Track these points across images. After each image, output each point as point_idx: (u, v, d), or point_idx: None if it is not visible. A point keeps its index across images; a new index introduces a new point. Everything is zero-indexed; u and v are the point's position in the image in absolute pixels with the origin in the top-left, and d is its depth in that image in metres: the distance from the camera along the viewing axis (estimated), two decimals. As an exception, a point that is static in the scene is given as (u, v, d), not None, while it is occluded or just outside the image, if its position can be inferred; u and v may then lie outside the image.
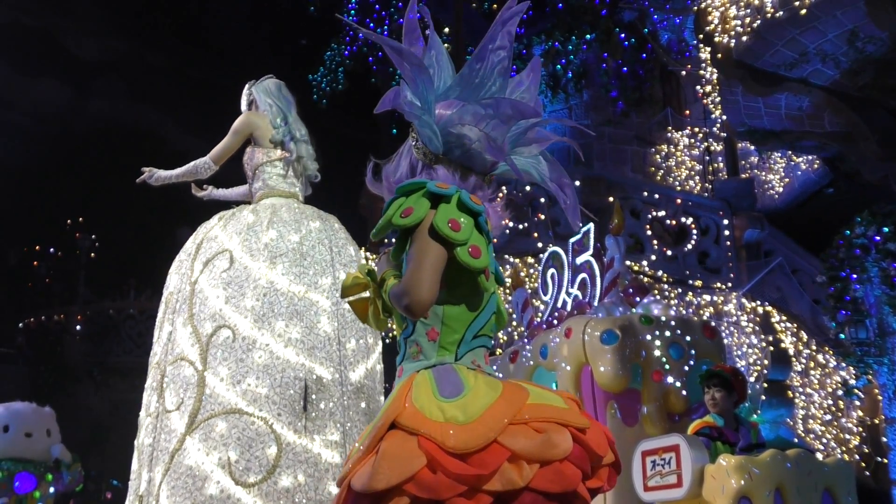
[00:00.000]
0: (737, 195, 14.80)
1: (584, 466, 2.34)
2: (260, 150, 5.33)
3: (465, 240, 2.44)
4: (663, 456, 5.87)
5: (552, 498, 2.26)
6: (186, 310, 4.79)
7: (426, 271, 2.42)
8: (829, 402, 12.60)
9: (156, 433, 4.63)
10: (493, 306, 2.61)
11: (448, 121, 2.58)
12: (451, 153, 2.62)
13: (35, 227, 26.74)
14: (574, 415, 2.39)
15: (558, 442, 2.27)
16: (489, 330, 2.61)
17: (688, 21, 16.46)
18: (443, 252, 2.44)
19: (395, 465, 2.24)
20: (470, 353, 2.54)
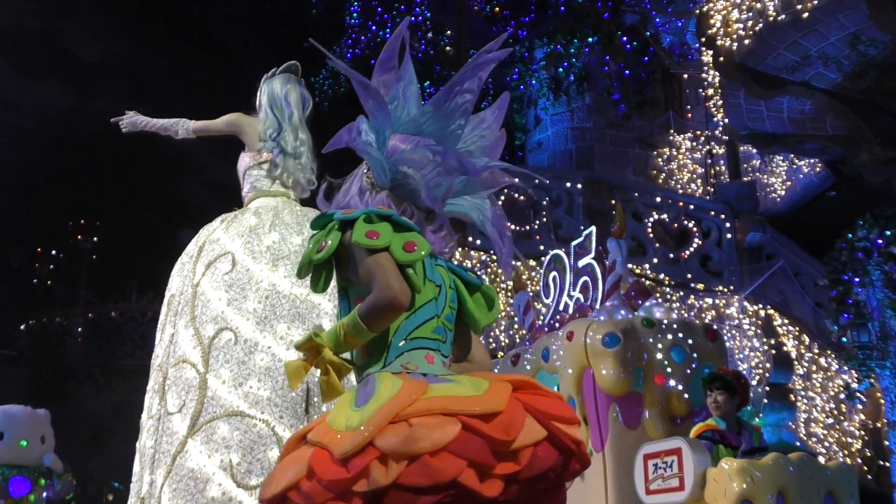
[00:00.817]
0: (739, 198, 14.80)
1: (475, 455, 2.25)
2: (248, 154, 5.34)
3: (388, 242, 2.57)
4: (665, 459, 5.87)
5: (423, 492, 2.22)
6: (188, 312, 4.78)
7: (384, 271, 2.54)
8: (832, 406, 12.59)
9: (157, 435, 4.62)
10: (431, 312, 2.64)
11: (399, 157, 2.71)
12: (398, 189, 2.76)
13: (37, 229, 26.76)
14: (480, 401, 2.33)
15: (423, 435, 2.23)
16: (429, 332, 2.63)
17: (690, 24, 16.47)
18: (385, 255, 2.56)
19: (282, 475, 2.39)
20: (401, 357, 2.58)
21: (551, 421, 2.37)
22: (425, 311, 2.63)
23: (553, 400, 2.46)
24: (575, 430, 2.42)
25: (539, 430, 2.33)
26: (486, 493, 2.25)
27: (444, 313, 2.70)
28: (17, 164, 26.48)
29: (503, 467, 2.27)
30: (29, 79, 28.83)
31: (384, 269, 2.54)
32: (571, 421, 2.42)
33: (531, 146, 17.69)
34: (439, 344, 2.65)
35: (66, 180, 27.32)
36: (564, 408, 2.45)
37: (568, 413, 2.43)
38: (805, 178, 16.68)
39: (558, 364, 7.19)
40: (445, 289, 2.72)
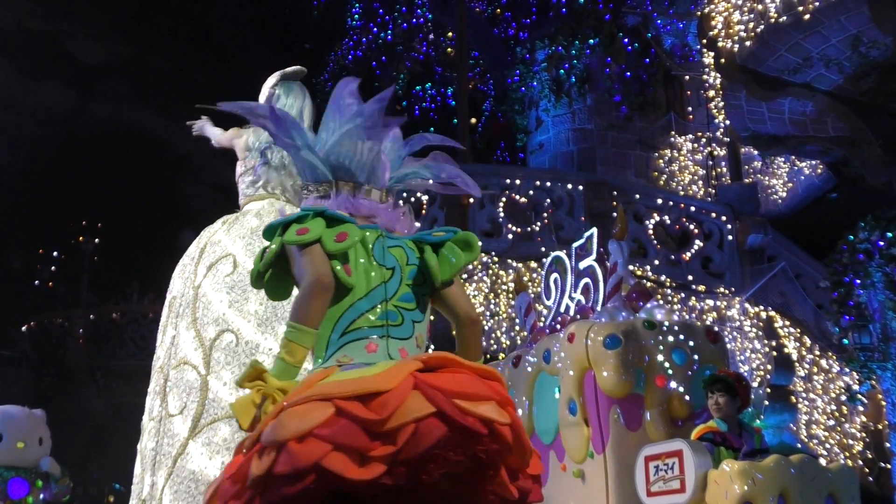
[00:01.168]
0: (740, 200, 14.78)
1: (342, 438, 2.20)
2: (239, 163, 5.43)
3: (318, 235, 2.65)
4: (666, 461, 5.86)
5: (289, 479, 2.19)
6: (190, 314, 4.79)
7: (309, 262, 2.64)
8: (833, 408, 12.58)
9: (159, 437, 4.63)
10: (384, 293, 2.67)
11: (333, 147, 2.82)
12: (344, 174, 2.84)
13: (39, 230, 26.79)
14: (363, 383, 2.29)
15: (286, 422, 2.23)
16: (374, 320, 2.64)
17: (691, 26, 16.48)
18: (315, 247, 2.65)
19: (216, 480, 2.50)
20: (339, 352, 2.61)
21: (452, 398, 2.26)
22: (369, 300, 2.65)
23: (464, 377, 2.35)
24: (484, 408, 2.29)
25: (424, 406, 2.24)
26: (360, 476, 2.18)
27: (399, 294, 2.70)
28: (19, 165, 26.52)
29: (382, 449, 2.20)
30: (31, 80, 28.86)
31: (310, 260, 2.62)
32: (479, 397, 2.30)
33: (532, 147, 17.69)
34: (388, 329, 2.64)
35: (68, 181, 27.37)
36: (475, 384, 2.34)
37: (477, 389, 2.32)
38: (806, 180, 16.67)
39: (559, 366, 7.19)
40: (401, 268, 2.73)
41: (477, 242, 2.87)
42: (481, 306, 12.86)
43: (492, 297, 12.93)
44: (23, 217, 26.71)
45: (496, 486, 2.36)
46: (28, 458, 7.60)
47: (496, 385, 2.40)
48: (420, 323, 2.73)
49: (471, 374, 2.38)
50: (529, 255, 13.14)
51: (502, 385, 2.44)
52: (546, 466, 7.33)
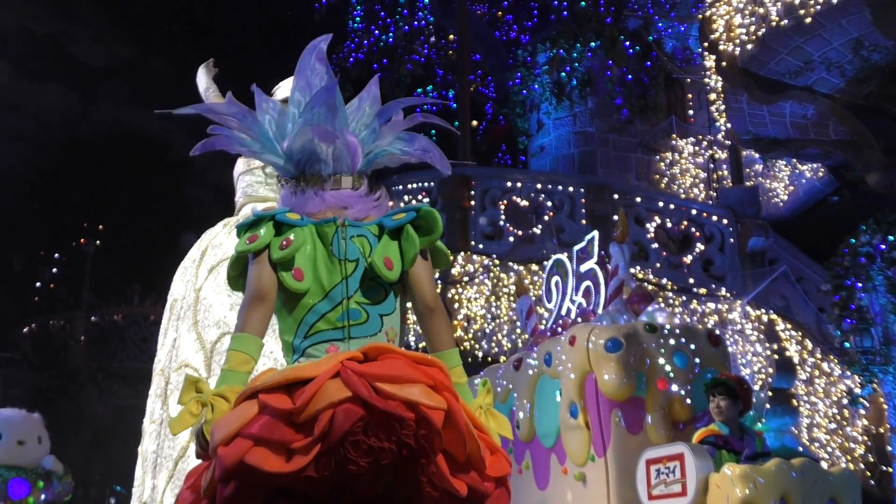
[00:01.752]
0: (741, 203, 14.79)
1: (261, 432, 2.15)
2: (241, 160, 5.36)
3: (265, 243, 2.58)
4: (668, 464, 5.86)
5: (223, 482, 2.16)
6: (191, 316, 4.79)
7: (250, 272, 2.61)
8: (834, 411, 12.57)
9: (160, 440, 4.62)
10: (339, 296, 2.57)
11: (291, 143, 2.73)
12: (309, 168, 2.74)
13: (40, 233, 26.80)
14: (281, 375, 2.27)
15: (218, 427, 2.22)
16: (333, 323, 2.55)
17: (692, 29, 16.48)
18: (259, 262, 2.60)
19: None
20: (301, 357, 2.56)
21: (374, 382, 2.17)
22: (329, 301, 2.57)
23: (394, 362, 2.27)
24: (409, 390, 2.18)
25: (340, 390, 2.15)
26: (282, 470, 2.11)
27: (363, 289, 2.59)
28: (21, 167, 26.54)
29: (303, 440, 2.13)
30: (33, 82, 28.90)
31: (254, 270, 2.60)
32: (406, 380, 2.20)
33: (534, 150, 17.70)
34: (349, 329, 2.55)
35: (70, 184, 27.39)
36: (404, 368, 2.24)
37: (405, 373, 2.22)
38: (808, 183, 16.67)
39: (560, 369, 7.19)
40: (364, 259, 2.61)
41: (439, 221, 2.68)
42: (482, 309, 12.86)
43: (493, 300, 12.93)
44: (24, 219, 26.73)
45: (433, 478, 2.20)
46: (28, 458, 7.58)
47: (432, 370, 2.29)
48: (390, 315, 2.63)
49: (404, 359, 2.29)
50: (531, 258, 13.14)
51: (441, 371, 2.32)
52: (547, 469, 7.33)
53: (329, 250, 2.61)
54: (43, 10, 28.49)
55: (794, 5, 11.63)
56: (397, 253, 2.64)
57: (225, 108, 2.81)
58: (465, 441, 2.24)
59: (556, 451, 7.26)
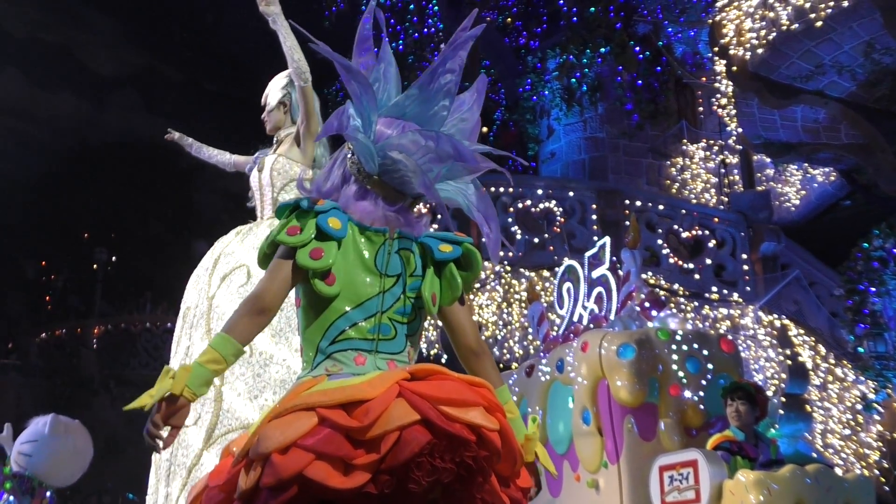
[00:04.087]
0: (753, 208, 14.73)
1: (325, 447, 2.17)
2: (299, 167, 5.19)
3: (302, 242, 2.52)
4: (681, 471, 5.84)
5: (275, 491, 2.16)
6: (204, 325, 4.79)
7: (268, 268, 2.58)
8: (848, 417, 12.49)
9: (173, 448, 4.62)
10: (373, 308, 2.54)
11: (387, 143, 2.60)
12: (386, 175, 2.64)
13: (52, 241, 26.92)
14: (342, 392, 2.27)
15: (271, 434, 2.21)
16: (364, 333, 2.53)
17: (702, 34, 16.45)
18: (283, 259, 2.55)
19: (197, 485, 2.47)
20: (327, 361, 2.52)
21: (437, 405, 2.22)
22: (363, 311, 2.54)
23: (450, 384, 2.31)
24: (472, 413, 2.24)
25: (408, 413, 2.20)
26: (343, 485, 2.15)
27: (396, 307, 2.57)
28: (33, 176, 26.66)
29: (365, 457, 2.17)
30: (44, 91, 29.03)
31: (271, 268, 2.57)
32: (466, 403, 2.26)
33: (544, 156, 17.69)
34: (382, 343, 2.54)
35: (81, 192, 27.50)
36: (462, 391, 2.29)
37: (464, 395, 2.27)
38: (819, 188, 16.60)
39: (573, 375, 7.18)
40: (405, 278, 2.59)
41: (479, 261, 2.69)
42: (494, 315, 12.84)
43: (504, 307, 12.91)
44: (37, 227, 26.85)
45: (486, 494, 2.29)
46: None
47: (484, 391, 2.35)
48: (413, 336, 2.64)
49: (458, 381, 2.34)
50: (542, 265, 13.12)
51: (491, 392, 2.39)
52: (560, 476, 7.32)
53: (372, 260, 2.57)
54: (53, 18, 28.66)
55: (804, 9, 11.61)
56: (439, 289, 2.64)
57: (354, 70, 2.67)
58: (515, 459, 2.37)
59: (569, 457, 7.24)
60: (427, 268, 2.63)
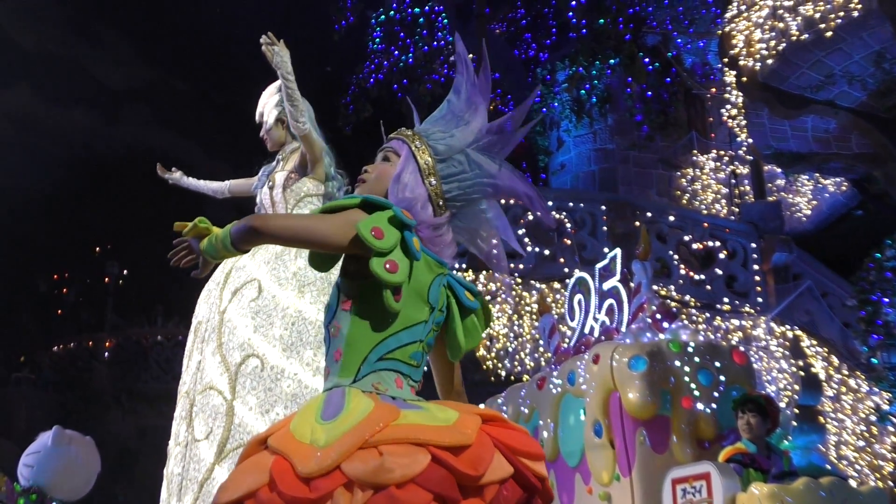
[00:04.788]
0: (764, 218, 14.69)
1: (441, 488, 2.19)
2: (311, 181, 5.23)
3: (384, 249, 2.43)
4: (694, 484, 5.81)
5: None
6: (215, 339, 4.80)
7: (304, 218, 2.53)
8: (862, 428, 12.42)
9: (185, 462, 4.63)
10: (417, 335, 2.53)
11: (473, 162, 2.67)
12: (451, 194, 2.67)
13: (64, 254, 27.02)
14: (450, 432, 2.27)
15: (392, 466, 2.18)
16: (406, 356, 2.51)
17: (712, 44, 16.46)
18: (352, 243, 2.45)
19: (242, 480, 2.27)
20: (373, 375, 2.46)
21: (518, 457, 2.33)
22: (410, 334, 2.52)
23: (520, 434, 2.42)
24: (540, 466, 2.37)
25: (506, 466, 2.29)
26: None
27: (428, 337, 2.59)
28: (45, 189, 26.78)
29: (469, 503, 2.23)
30: (55, 105, 29.19)
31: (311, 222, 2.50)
32: (537, 457, 2.38)
33: (554, 168, 17.69)
34: (412, 369, 2.54)
35: (93, 206, 27.59)
36: (531, 443, 2.41)
37: (534, 448, 2.39)
38: (831, 198, 16.55)
39: (584, 388, 7.15)
40: (436, 311, 2.59)
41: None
42: (504, 327, 12.83)
43: (515, 319, 12.89)
44: (48, 241, 26.96)
45: None
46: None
47: (536, 441, 2.49)
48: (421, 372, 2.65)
49: (522, 431, 2.45)
50: (553, 276, 13.10)
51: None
52: (572, 489, 7.29)
53: (426, 288, 2.55)
54: (64, 33, 28.84)
55: (814, 19, 11.61)
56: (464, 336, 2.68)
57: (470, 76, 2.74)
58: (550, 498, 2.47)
59: (581, 470, 7.21)
60: (452, 309, 2.65)
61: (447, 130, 2.70)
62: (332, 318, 2.56)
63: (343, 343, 2.51)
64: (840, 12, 11.32)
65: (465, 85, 2.76)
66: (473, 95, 2.73)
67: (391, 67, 19.00)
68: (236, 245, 2.53)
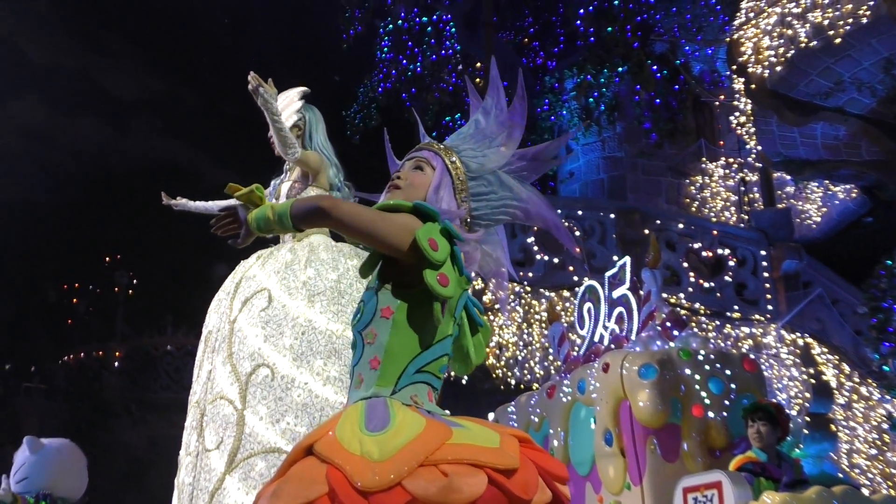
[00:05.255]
0: (773, 225, 14.65)
1: None
2: (315, 190, 5.22)
3: (439, 262, 2.43)
4: (705, 493, 5.79)
5: None
6: (226, 348, 4.81)
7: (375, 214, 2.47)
8: (874, 436, 12.35)
9: (196, 472, 4.63)
10: (446, 348, 2.55)
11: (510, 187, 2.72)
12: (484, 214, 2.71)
13: (74, 265, 27.10)
14: (501, 455, 2.29)
15: (461, 486, 2.19)
16: (437, 370, 2.53)
17: (720, 52, 16.45)
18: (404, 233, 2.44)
19: (297, 489, 2.23)
20: (410, 388, 2.46)
21: (553, 481, 2.38)
22: (442, 347, 2.53)
23: (552, 458, 2.47)
24: (567, 490, 2.43)
25: (547, 491, 2.34)
26: None
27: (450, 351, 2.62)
28: (55, 200, 26.91)
29: None
30: (65, 116, 29.33)
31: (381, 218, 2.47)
32: (566, 480, 2.44)
33: (562, 176, 17.69)
34: (439, 382, 2.56)
35: (103, 216, 27.69)
36: (561, 466, 2.46)
37: (564, 472, 2.45)
38: (841, 205, 16.51)
39: (594, 396, 7.14)
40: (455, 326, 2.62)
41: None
42: (514, 336, 12.81)
43: (525, 327, 12.88)
44: (58, 252, 27.06)
45: None
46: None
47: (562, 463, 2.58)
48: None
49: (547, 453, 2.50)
50: (562, 285, 13.08)
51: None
52: (582, 498, 7.26)
53: (455, 302, 2.57)
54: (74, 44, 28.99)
55: (822, 26, 11.59)
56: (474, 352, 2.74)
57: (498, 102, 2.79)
58: None
59: (592, 479, 7.19)
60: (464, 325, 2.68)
61: (478, 150, 2.72)
62: (369, 323, 2.52)
63: (382, 351, 2.48)
64: (849, 19, 11.30)
65: (494, 108, 2.78)
66: (508, 119, 2.75)
67: (399, 76, 19.04)
68: (296, 222, 2.50)
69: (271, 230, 2.55)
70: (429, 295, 2.44)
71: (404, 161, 2.79)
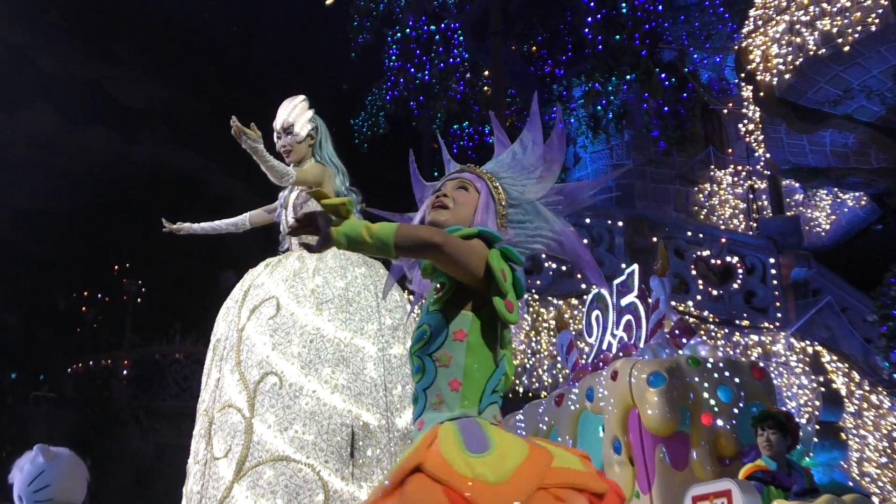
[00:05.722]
0: (782, 233, 14.61)
1: None
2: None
3: (507, 290, 2.51)
4: (714, 501, 5.76)
5: None
6: (234, 357, 4.81)
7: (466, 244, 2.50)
8: (885, 444, 12.29)
9: (204, 480, 4.63)
10: (504, 368, 2.61)
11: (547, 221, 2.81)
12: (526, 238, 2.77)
13: (83, 273, 27.17)
14: (592, 479, 2.39)
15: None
16: (501, 389, 2.59)
17: (728, 59, 16.45)
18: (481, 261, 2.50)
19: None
20: (491, 407, 2.53)
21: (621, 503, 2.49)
22: (502, 368, 2.60)
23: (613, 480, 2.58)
24: None
25: None
26: None
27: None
28: (64, 209, 27.01)
29: None
30: (75, 125, 29.47)
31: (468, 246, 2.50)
32: (625, 501, 2.54)
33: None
34: (502, 400, 2.62)
35: (112, 224, 27.78)
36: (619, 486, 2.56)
37: (623, 493, 2.55)
38: (850, 212, 16.46)
39: (603, 404, 7.12)
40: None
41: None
42: (522, 344, 12.80)
43: (533, 335, 12.86)
44: (68, 260, 27.15)
45: None
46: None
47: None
48: None
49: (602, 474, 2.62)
50: (570, 293, 13.07)
51: None
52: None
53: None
54: (84, 53, 29.13)
55: (831, 34, 11.58)
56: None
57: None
58: None
59: (600, 487, 7.16)
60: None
61: (517, 179, 2.78)
62: (441, 346, 2.55)
63: (461, 373, 2.52)
64: (858, 27, 11.28)
65: (531, 141, 2.83)
66: (547, 153, 2.81)
67: (407, 85, 19.08)
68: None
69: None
70: (494, 317, 2.52)
71: (444, 181, 2.82)
